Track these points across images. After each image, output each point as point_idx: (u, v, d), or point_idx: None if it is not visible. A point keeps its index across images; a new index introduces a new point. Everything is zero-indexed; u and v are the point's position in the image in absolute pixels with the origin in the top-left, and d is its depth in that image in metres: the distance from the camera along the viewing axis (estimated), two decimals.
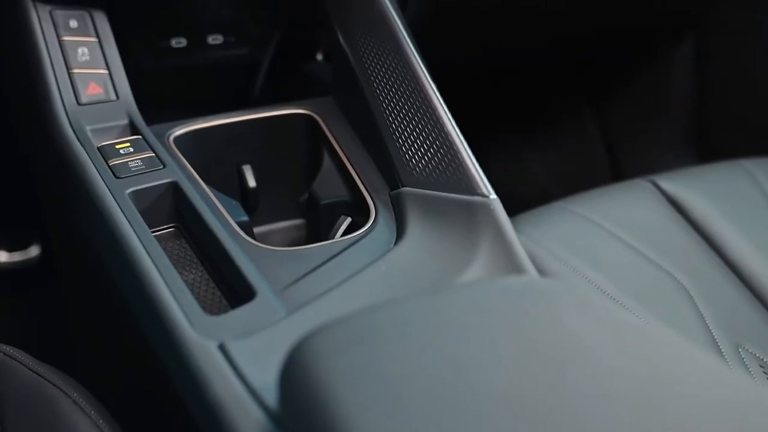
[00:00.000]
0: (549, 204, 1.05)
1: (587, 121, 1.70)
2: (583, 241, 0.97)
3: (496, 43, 1.41)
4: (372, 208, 0.77)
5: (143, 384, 0.81)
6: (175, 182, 0.76)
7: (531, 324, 0.50)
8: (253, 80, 1.11)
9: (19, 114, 0.98)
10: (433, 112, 0.78)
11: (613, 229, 0.99)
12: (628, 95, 1.66)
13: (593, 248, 0.96)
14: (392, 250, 0.71)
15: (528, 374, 0.46)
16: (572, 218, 1.00)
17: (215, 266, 0.72)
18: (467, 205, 0.72)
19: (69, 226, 0.88)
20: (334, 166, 0.86)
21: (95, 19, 0.90)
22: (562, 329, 0.51)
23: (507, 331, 0.50)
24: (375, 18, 0.88)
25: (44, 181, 0.97)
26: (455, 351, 0.49)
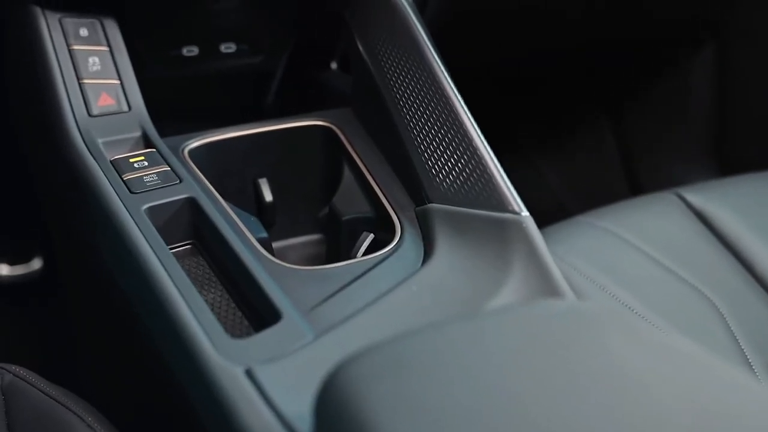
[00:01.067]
0: (572, 218, 1.04)
1: (604, 130, 1.69)
2: (608, 256, 0.96)
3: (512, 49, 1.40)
4: (397, 225, 0.76)
5: (158, 406, 0.79)
6: (193, 198, 0.75)
7: (578, 352, 0.49)
8: (266, 90, 1.10)
9: (25, 125, 0.97)
10: (460, 125, 0.77)
11: (639, 244, 0.98)
12: (645, 103, 1.65)
13: (619, 264, 0.95)
14: (421, 270, 0.69)
15: (579, 406, 0.45)
16: (597, 233, 0.99)
17: (236, 286, 0.71)
18: (498, 222, 0.71)
19: (78, 241, 0.87)
20: (355, 180, 0.85)
21: (106, 27, 0.89)
22: (611, 357, 0.50)
23: (553, 360, 0.49)
24: (396, 26, 0.87)
25: (51, 194, 0.95)
26: (499, 380, 0.48)
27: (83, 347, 1.07)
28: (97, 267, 0.81)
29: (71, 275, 1.00)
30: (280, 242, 0.92)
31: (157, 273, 0.67)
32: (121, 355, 0.87)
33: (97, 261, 0.80)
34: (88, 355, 1.04)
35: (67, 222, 0.90)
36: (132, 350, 0.80)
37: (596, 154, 1.73)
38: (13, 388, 0.76)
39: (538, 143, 1.74)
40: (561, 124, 1.73)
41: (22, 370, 0.80)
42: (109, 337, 0.91)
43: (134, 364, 0.82)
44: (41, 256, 1.40)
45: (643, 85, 1.67)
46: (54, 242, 1.06)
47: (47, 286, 1.38)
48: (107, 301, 0.83)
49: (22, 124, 0.99)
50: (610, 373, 0.48)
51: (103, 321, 0.90)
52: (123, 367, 0.88)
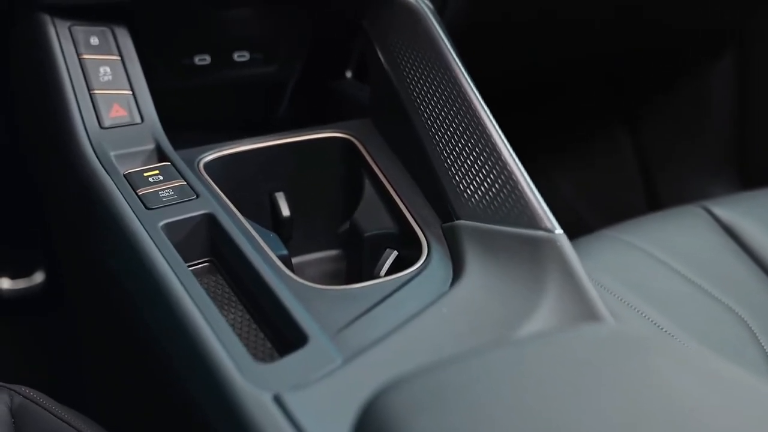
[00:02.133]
0: (596, 232, 1.03)
1: (620, 140, 1.68)
2: (636, 273, 0.94)
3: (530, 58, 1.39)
4: (423, 243, 0.75)
5: (172, 428, 0.78)
6: (211, 214, 0.73)
7: (626, 380, 0.48)
8: (279, 100, 1.09)
9: (32, 137, 0.96)
10: (489, 138, 0.76)
11: (667, 260, 0.97)
12: (663, 113, 1.64)
13: (648, 281, 0.93)
14: (451, 290, 0.68)
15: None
16: (623, 248, 0.98)
17: (257, 306, 0.69)
18: (531, 240, 0.69)
19: (88, 256, 0.86)
20: (377, 195, 0.83)
21: (117, 35, 0.88)
22: (661, 385, 0.48)
23: (602, 390, 0.47)
24: (419, 35, 0.85)
25: (60, 208, 0.94)
26: (546, 411, 0.46)
27: (91, 364, 1.06)
28: (109, 284, 0.80)
29: (79, 291, 0.99)
30: (297, 258, 0.91)
31: (177, 292, 0.66)
32: (133, 374, 0.86)
33: (109, 278, 0.79)
34: (97, 372, 1.03)
35: (77, 237, 0.88)
36: (145, 370, 0.79)
37: (613, 165, 1.72)
38: (23, 410, 0.75)
39: (553, 153, 1.73)
40: (576, 134, 1.72)
41: (32, 392, 0.79)
42: (120, 356, 0.89)
43: (147, 384, 0.81)
44: (43, 269, 1.38)
45: (661, 94, 1.66)
46: (60, 256, 1.04)
47: (50, 300, 1.36)
48: (118, 319, 0.82)
49: (28, 136, 0.97)
50: (662, 402, 0.47)
51: (113, 339, 0.89)
52: (134, 386, 0.87)
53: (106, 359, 0.96)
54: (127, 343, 0.83)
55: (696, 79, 1.59)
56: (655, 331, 0.80)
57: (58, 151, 0.84)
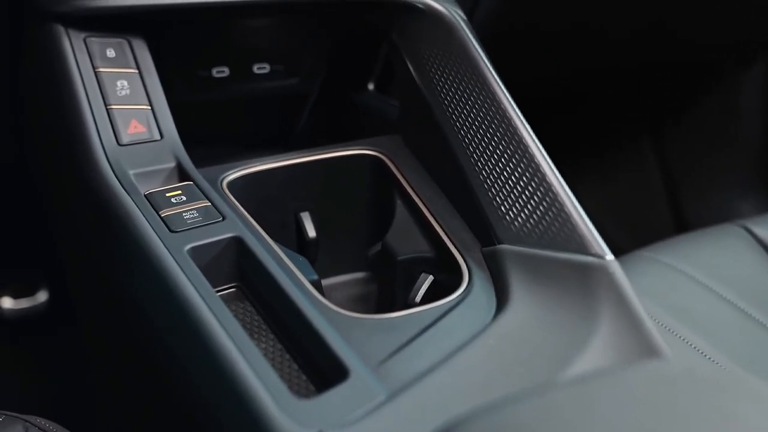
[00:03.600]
0: (632, 253, 1.01)
1: (645, 151, 1.66)
2: (677, 296, 0.93)
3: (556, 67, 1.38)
4: (463, 268, 0.73)
5: None
6: (239, 237, 0.71)
7: (707, 424, 0.46)
8: (299, 113, 1.07)
9: (42, 154, 0.94)
10: (531, 157, 0.74)
11: (709, 283, 0.95)
12: (690, 122, 1.63)
13: (690, 305, 0.92)
14: (497, 321, 0.66)
15: None
16: (661, 270, 0.96)
17: (290, 335, 0.67)
18: (580, 267, 0.67)
19: (105, 278, 0.84)
20: (410, 216, 0.81)
21: (134, 47, 0.86)
22: (741, 428, 0.47)
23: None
24: (453, 47, 0.84)
25: (72, 228, 0.92)
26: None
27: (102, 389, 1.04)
28: (126, 308, 0.78)
29: (91, 313, 0.97)
30: (322, 281, 0.89)
31: (207, 321, 0.64)
32: (150, 402, 0.84)
33: (127, 302, 0.77)
34: (109, 398, 1.01)
35: (92, 259, 0.86)
36: (165, 398, 0.76)
37: (637, 179, 1.70)
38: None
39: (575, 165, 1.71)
40: (599, 147, 1.71)
41: (46, 423, 0.77)
42: (136, 382, 0.87)
43: (167, 414, 0.79)
44: (47, 288, 1.36)
45: (688, 104, 1.64)
46: (70, 277, 1.02)
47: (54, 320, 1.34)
48: (135, 344, 0.80)
49: (38, 153, 0.95)
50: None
51: (128, 364, 0.87)
52: (152, 415, 0.85)
53: (119, 385, 0.94)
54: (145, 370, 0.81)
55: (724, 88, 1.57)
56: (732, 371, 0.78)
57: (73, 170, 0.82)
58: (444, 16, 0.85)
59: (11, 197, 1.14)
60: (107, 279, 0.82)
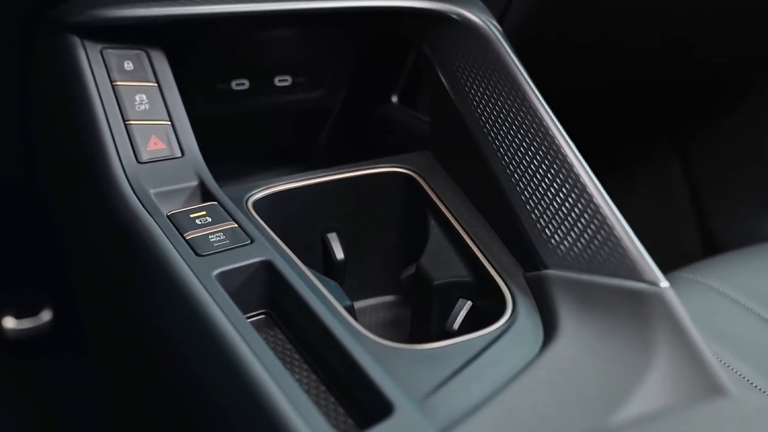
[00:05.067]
0: (670, 274, 0.99)
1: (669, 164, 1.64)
2: (720, 321, 0.90)
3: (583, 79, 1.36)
4: (506, 294, 0.71)
5: None
6: (269, 261, 0.69)
7: None
8: (320, 127, 1.05)
9: (54, 170, 0.91)
10: (577, 177, 0.72)
11: (752, 305, 0.93)
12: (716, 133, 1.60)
13: (734, 331, 0.90)
14: (547, 352, 0.64)
15: None
16: (703, 293, 0.94)
17: (326, 366, 0.65)
18: (633, 294, 0.65)
19: (123, 301, 0.81)
20: (446, 238, 0.79)
21: (153, 59, 0.84)
22: None
23: None
24: (488, 60, 0.82)
25: (85, 248, 0.90)
26: None
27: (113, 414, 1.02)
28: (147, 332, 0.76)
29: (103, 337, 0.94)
30: None
31: (241, 352, 0.61)
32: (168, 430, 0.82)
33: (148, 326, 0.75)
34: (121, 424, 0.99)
35: (109, 281, 0.84)
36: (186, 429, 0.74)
37: (662, 194, 1.68)
38: None
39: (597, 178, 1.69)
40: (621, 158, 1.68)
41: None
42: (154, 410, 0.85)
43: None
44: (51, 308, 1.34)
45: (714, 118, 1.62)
46: (80, 299, 1.00)
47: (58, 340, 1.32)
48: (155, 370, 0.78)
49: (50, 171, 0.93)
50: None
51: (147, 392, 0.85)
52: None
53: (134, 410, 0.92)
54: (165, 397, 0.79)
55: (751, 101, 1.55)
56: None
57: (90, 189, 0.80)
58: (479, 27, 0.83)
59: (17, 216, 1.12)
60: (126, 302, 0.80)
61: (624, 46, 1.24)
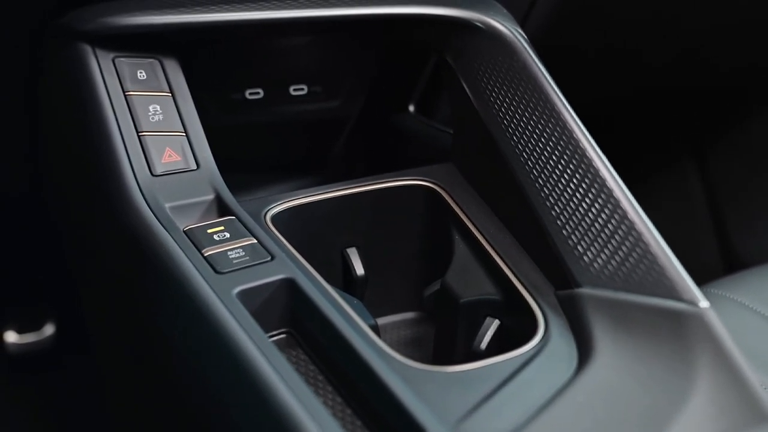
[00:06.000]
0: None
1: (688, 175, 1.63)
2: (753, 339, 0.89)
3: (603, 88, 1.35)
4: (538, 313, 0.69)
5: None
6: (291, 279, 0.68)
7: None
8: (336, 137, 1.04)
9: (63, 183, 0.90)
10: (610, 191, 0.71)
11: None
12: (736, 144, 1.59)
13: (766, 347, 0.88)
14: (583, 375, 0.63)
15: None
16: (733, 309, 0.93)
17: (351, 388, 0.64)
18: (672, 314, 0.64)
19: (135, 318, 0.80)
20: (472, 254, 0.78)
21: (167, 68, 0.83)
22: None
23: None
24: (515, 70, 0.81)
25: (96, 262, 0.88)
26: None
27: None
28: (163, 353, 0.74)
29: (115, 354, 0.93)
30: None
31: (265, 374, 0.60)
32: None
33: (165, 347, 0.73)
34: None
35: (121, 297, 0.83)
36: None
37: (679, 202, 1.66)
38: None
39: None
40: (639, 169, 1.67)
41: None
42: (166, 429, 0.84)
43: None
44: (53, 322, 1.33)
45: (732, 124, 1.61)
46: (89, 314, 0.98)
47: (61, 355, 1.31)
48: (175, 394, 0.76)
49: (58, 183, 0.92)
50: None
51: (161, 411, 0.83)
52: None
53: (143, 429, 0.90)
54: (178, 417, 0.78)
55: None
56: None
57: (102, 202, 0.78)
58: (505, 35, 0.82)
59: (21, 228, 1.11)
60: (139, 319, 0.79)
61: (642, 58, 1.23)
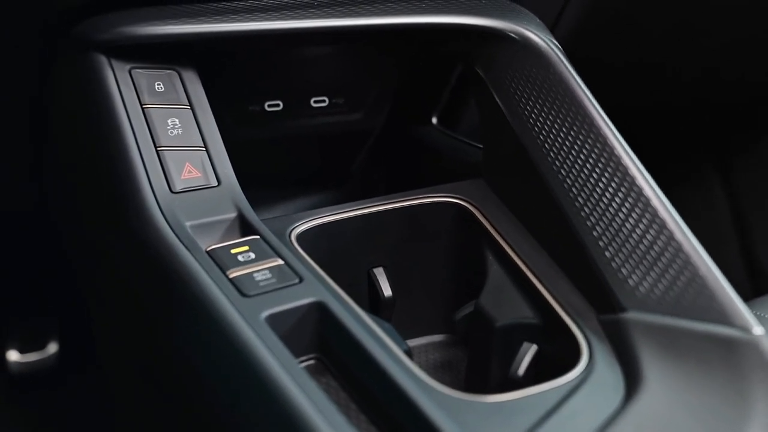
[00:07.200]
0: None
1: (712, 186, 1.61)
2: None
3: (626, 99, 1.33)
4: (580, 339, 0.68)
5: None
6: (321, 303, 0.66)
7: None
8: (358, 151, 1.02)
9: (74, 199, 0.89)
10: (655, 211, 0.70)
11: None
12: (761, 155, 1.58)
13: None
14: (632, 405, 0.61)
15: None
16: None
17: (387, 418, 0.62)
18: (724, 341, 0.62)
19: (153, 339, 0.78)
20: (507, 275, 0.76)
21: (185, 80, 0.81)
22: None
23: None
24: (551, 82, 0.79)
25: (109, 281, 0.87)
26: None
27: None
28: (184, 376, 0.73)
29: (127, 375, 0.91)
30: None
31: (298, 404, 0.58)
32: None
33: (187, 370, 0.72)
34: None
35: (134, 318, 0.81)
36: None
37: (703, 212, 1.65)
38: None
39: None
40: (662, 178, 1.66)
41: None
42: None
43: None
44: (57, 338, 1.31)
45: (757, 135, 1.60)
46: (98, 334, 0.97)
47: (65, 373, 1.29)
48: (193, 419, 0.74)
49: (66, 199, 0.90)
50: None
51: None
52: None
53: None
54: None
55: None
56: None
57: (119, 220, 0.77)
58: (539, 46, 0.80)
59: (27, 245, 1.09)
60: (158, 340, 0.77)
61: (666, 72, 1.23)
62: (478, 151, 0.94)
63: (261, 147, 0.97)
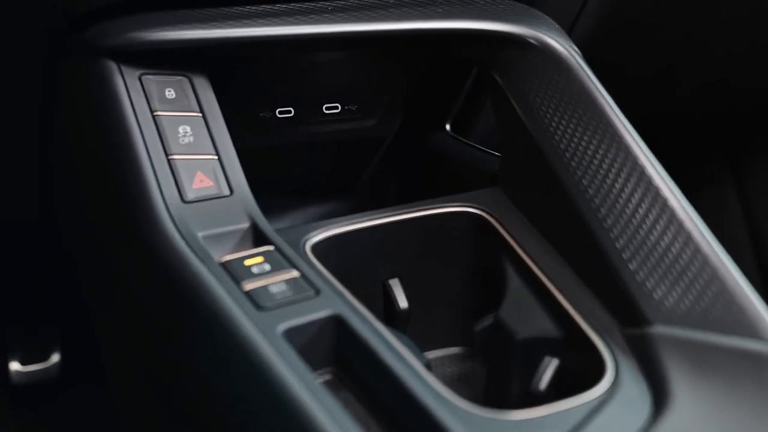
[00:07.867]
0: None
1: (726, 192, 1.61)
2: None
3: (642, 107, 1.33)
4: (605, 354, 0.67)
5: None
6: (339, 316, 0.66)
7: None
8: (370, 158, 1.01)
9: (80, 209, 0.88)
10: (681, 223, 0.69)
11: None
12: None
13: None
14: (660, 422, 0.60)
15: None
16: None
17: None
18: (755, 356, 0.62)
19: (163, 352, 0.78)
20: (527, 287, 0.75)
21: (197, 86, 0.81)
22: None
23: None
24: (572, 90, 0.79)
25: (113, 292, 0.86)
26: None
27: None
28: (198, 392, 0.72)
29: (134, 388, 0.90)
30: None
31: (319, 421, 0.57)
32: None
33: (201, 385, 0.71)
34: None
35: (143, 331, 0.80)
36: None
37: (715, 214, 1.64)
38: None
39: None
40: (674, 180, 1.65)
41: None
42: None
43: None
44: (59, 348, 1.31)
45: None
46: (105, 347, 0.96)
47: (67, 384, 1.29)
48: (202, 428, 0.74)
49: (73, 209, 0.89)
50: None
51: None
52: None
53: None
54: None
55: None
56: None
57: (128, 230, 0.76)
58: (559, 53, 0.80)
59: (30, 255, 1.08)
60: (167, 352, 0.76)
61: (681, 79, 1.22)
62: (492, 159, 0.94)
63: (270, 154, 0.96)
